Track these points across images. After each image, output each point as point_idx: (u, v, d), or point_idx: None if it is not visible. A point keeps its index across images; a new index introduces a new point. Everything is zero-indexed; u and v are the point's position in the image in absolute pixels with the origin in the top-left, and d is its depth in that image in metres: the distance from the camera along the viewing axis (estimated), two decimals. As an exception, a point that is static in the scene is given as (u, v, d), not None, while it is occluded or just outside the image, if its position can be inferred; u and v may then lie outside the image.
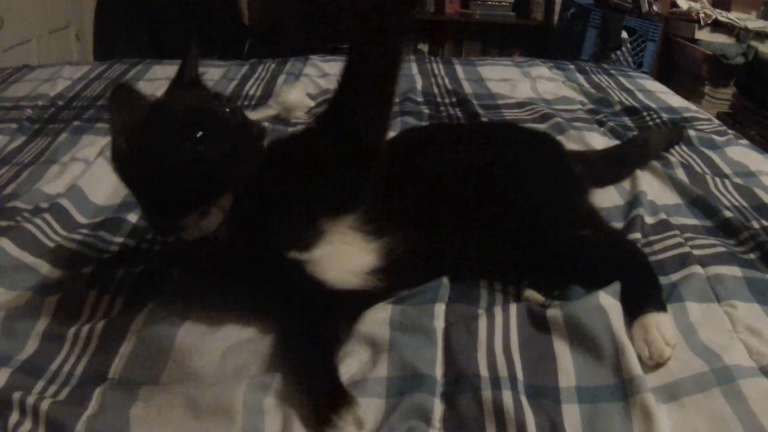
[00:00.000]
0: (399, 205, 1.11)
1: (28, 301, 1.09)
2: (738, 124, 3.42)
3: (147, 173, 0.92)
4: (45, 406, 0.87)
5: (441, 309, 1.03)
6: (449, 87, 2.30)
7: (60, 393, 0.92)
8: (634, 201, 1.40)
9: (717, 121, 2.02)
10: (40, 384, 0.94)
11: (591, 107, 2.11)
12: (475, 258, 1.14)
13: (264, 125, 1.01)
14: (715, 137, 1.81)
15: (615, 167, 1.55)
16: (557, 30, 4.44)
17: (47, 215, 1.32)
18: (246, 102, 2.17)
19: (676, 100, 2.24)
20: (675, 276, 1.13)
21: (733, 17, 3.95)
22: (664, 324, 0.99)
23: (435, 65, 2.58)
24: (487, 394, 0.86)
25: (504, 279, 1.15)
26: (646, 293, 1.04)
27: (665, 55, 4.24)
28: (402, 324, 1.00)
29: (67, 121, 1.93)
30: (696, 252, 1.20)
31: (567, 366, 0.93)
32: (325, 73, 2.45)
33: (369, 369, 0.94)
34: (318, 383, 0.88)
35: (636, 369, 0.90)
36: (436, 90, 2.28)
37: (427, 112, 2.03)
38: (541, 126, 1.87)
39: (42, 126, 1.91)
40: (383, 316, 1.02)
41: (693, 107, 2.17)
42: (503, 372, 0.91)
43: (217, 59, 2.71)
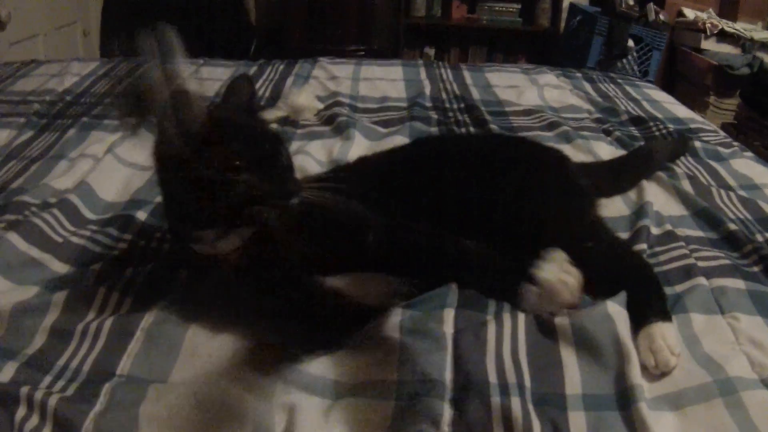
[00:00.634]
0: (408, 215, 1.12)
1: (35, 296, 1.09)
2: (742, 134, 3.43)
3: (191, 178, 0.92)
4: (53, 401, 0.86)
5: (450, 315, 1.04)
6: (457, 93, 2.29)
7: (67, 388, 0.92)
8: (639, 211, 1.40)
9: (723, 133, 2.02)
10: (47, 379, 0.93)
11: (598, 116, 2.10)
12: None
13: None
14: (721, 149, 1.81)
15: (620, 178, 1.55)
16: (563, 37, 4.46)
17: (55, 210, 1.32)
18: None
19: (682, 110, 2.24)
20: (679, 287, 1.14)
21: (739, 28, 3.95)
22: (669, 334, 0.99)
23: (443, 71, 2.57)
24: (496, 400, 0.87)
25: None
26: (651, 303, 1.05)
27: (670, 64, 4.24)
28: (412, 329, 1.00)
29: (75, 117, 1.93)
30: (700, 264, 1.20)
31: (573, 373, 0.94)
32: (334, 76, 2.44)
33: (379, 372, 0.94)
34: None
35: (636, 378, 0.91)
36: (444, 96, 2.27)
37: (436, 117, 2.02)
38: (549, 134, 1.87)
39: (50, 121, 1.91)
40: (394, 320, 1.02)
41: (699, 118, 2.18)
42: (511, 378, 0.92)
43: (223, 59, 2.71)
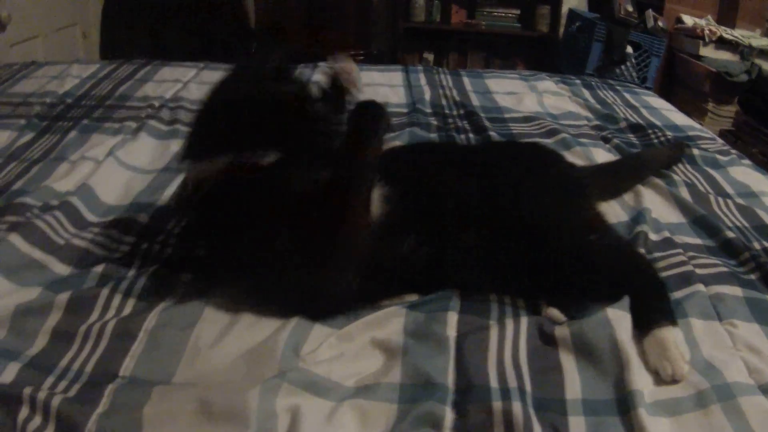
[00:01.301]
0: (410, 217, 1.13)
1: (38, 298, 1.10)
2: (740, 141, 3.43)
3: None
4: (56, 402, 0.87)
5: (454, 318, 1.05)
6: (457, 99, 2.29)
7: (70, 389, 0.92)
8: (638, 217, 1.41)
9: (721, 141, 2.03)
10: (49, 380, 0.94)
11: (597, 123, 2.10)
12: (486, 273, 1.14)
13: None
14: (719, 157, 1.82)
15: (613, 181, 1.56)
16: (562, 42, 4.46)
17: (58, 213, 1.33)
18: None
19: (680, 118, 2.24)
20: (679, 293, 1.15)
21: (738, 35, 3.94)
22: (679, 340, 1.00)
23: (443, 77, 2.57)
24: (497, 404, 0.87)
25: (516, 293, 1.15)
26: (657, 305, 1.06)
27: (669, 71, 4.24)
28: (416, 332, 1.02)
29: (76, 120, 1.93)
30: (698, 271, 1.21)
31: (573, 378, 0.95)
32: None
33: (382, 374, 0.95)
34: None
35: (636, 384, 0.91)
36: (444, 102, 2.27)
37: (435, 123, 2.02)
38: (548, 141, 1.88)
39: (50, 123, 1.91)
40: (398, 322, 1.03)
41: (697, 126, 2.18)
42: (512, 383, 0.93)
43: (222, 63, 2.67)
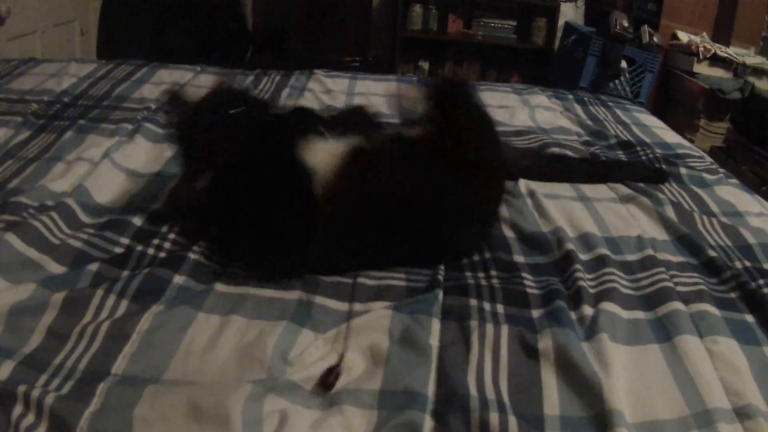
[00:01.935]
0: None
1: (33, 297, 1.10)
2: (731, 158, 3.46)
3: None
4: (49, 400, 0.88)
5: (437, 327, 1.07)
6: (451, 111, 2.29)
7: (63, 387, 0.93)
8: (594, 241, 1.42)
9: (709, 159, 2.04)
10: (43, 377, 0.95)
11: (587, 138, 2.12)
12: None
13: None
14: (706, 175, 1.83)
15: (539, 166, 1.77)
16: (557, 55, 4.49)
17: (53, 213, 1.34)
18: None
19: (670, 135, 2.25)
20: (660, 311, 1.17)
21: (732, 52, 3.96)
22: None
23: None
24: (475, 415, 0.89)
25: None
26: None
27: (662, 87, 4.27)
28: (400, 339, 1.04)
29: (73, 119, 1.93)
30: (680, 289, 1.24)
31: (552, 394, 0.96)
32: (329, 90, 2.42)
33: (365, 380, 0.97)
34: None
35: (616, 403, 0.93)
36: (438, 113, 2.27)
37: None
38: (539, 155, 1.89)
39: (47, 122, 1.91)
40: (383, 325, 1.06)
41: (686, 144, 2.19)
42: (491, 395, 0.94)
43: (218, 65, 2.66)
